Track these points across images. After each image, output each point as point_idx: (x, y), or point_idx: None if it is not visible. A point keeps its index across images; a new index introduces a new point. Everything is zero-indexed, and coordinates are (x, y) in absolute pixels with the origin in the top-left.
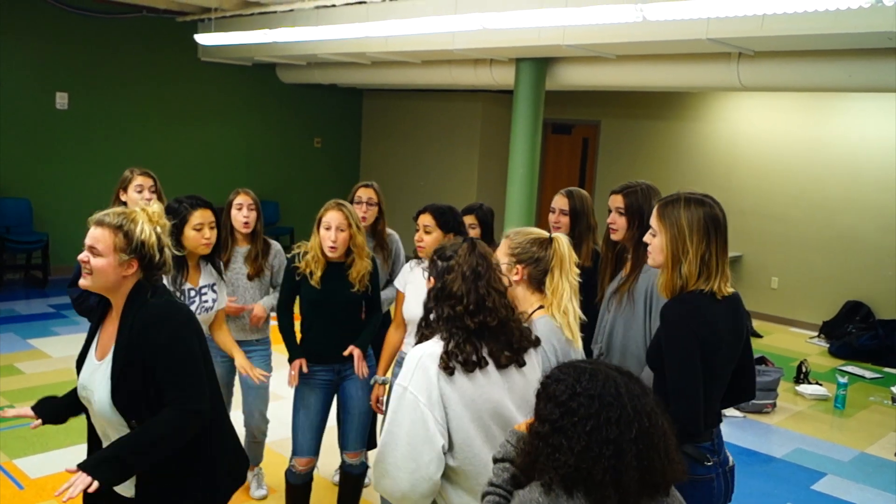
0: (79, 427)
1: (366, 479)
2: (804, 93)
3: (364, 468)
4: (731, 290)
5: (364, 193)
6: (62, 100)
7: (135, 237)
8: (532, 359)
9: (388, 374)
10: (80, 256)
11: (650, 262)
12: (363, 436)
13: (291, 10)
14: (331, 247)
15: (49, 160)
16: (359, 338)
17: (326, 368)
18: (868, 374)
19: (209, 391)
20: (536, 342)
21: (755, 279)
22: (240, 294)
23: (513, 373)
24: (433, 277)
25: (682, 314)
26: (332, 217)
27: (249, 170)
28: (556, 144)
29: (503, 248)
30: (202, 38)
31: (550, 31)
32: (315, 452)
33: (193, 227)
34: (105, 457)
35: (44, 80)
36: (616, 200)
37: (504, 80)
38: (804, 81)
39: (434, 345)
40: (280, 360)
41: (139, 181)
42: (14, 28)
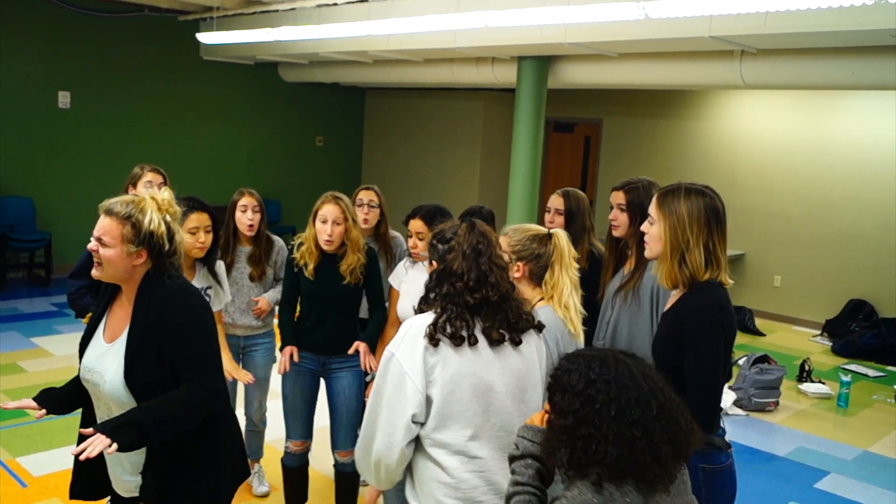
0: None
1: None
2: (806, 90)
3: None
4: (732, 281)
5: (365, 196)
6: (65, 99)
7: (143, 228)
8: (531, 341)
9: None
10: (90, 245)
11: (647, 253)
12: (353, 435)
13: (293, 9)
14: (326, 240)
15: (52, 159)
16: (365, 334)
17: (312, 357)
18: (871, 373)
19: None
20: (539, 326)
21: (758, 277)
22: (243, 294)
23: (507, 351)
24: (434, 260)
25: (707, 303)
26: (329, 210)
27: (251, 169)
28: (558, 143)
29: (502, 246)
30: (204, 37)
31: (552, 29)
32: (308, 435)
33: (188, 231)
34: (125, 421)
35: (46, 79)
36: (617, 197)
37: (506, 79)
38: (806, 79)
39: (426, 316)
40: None
41: (149, 177)
42: (16, 27)
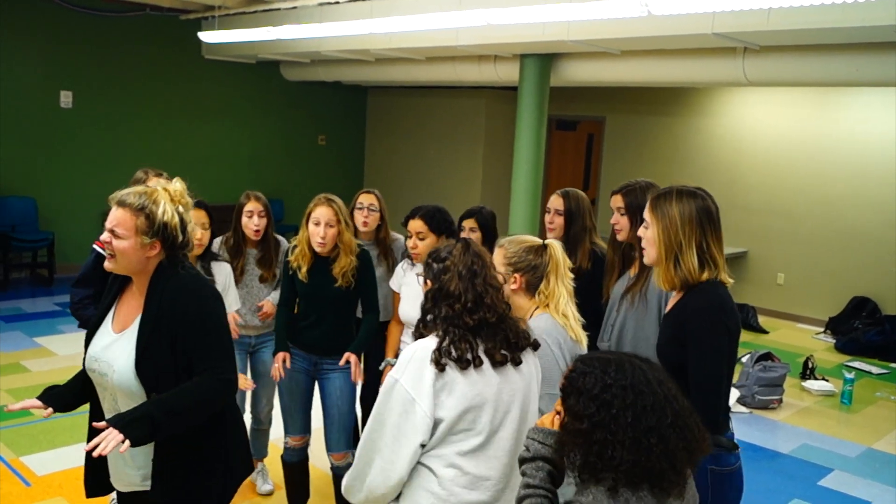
0: (86, 424)
1: None
2: (810, 88)
3: None
4: (732, 280)
5: (366, 199)
6: (66, 98)
7: (157, 219)
8: (529, 360)
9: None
10: (102, 237)
11: (645, 260)
12: (346, 437)
13: (295, 8)
14: (319, 242)
15: (54, 159)
16: (354, 342)
17: (305, 356)
18: (874, 370)
19: None
20: (535, 345)
21: (761, 275)
22: (254, 296)
23: (510, 371)
24: (429, 280)
25: (709, 303)
26: (321, 213)
27: (253, 168)
28: (561, 141)
29: (498, 258)
30: (206, 36)
31: (555, 27)
32: (306, 430)
33: None
34: (138, 415)
35: (48, 79)
36: (616, 201)
37: (508, 77)
38: (810, 76)
39: (430, 340)
40: None
41: (152, 182)
42: (18, 27)
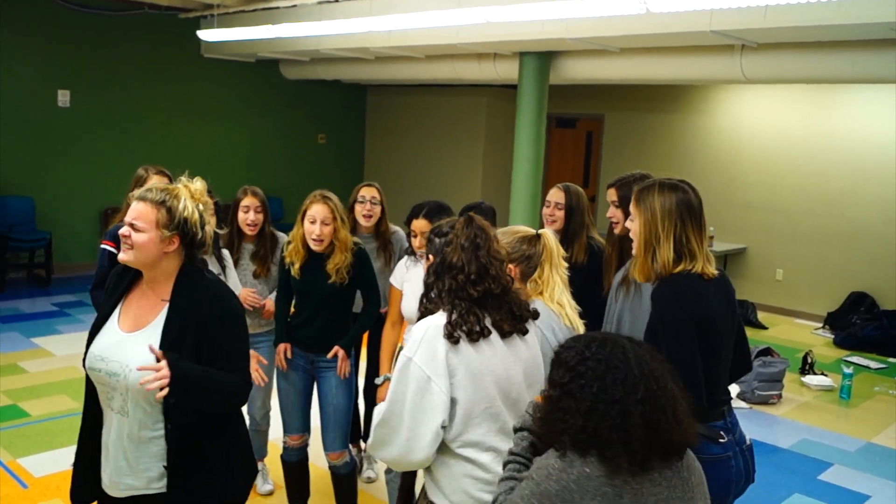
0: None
1: (372, 473)
2: (807, 85)
3: (351, 467)
4: (717, 272)
5: (367, 192)
6: (64, 97)
7: (177, 213)
8: (533, 330)
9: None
10: (121, 231)
11: (633, 251)
12: (343, 436)
13: (294, 6)
14: (315, 240)
15: (52, 158)
16: (345, 336)
17: (302, 354)
18: (873, 365)
19: None
20: (535, 314)
21: (760, 271)
22: None
23: (517, 342)
24: (431, 255)
25: (673, 294)
26: (317, 211)
27: (253, 166)
28: (561, 138)
29: None
30: (205, 34)
31: (554, 24)
32: (305, 429)
33: None
34: (191, 372)
35: (46, 78)
36: (611, 194)
37: (508, 75)
38: (807, 73)
39: (439, 317)
40: None
41: (154, 180)
42: (16, 26)
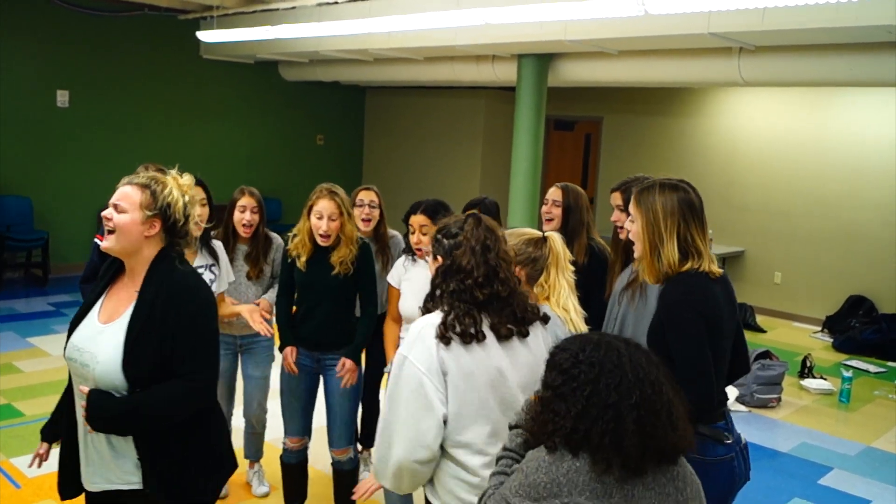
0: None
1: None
2: (805, 87)
3: (354, 464)
4: (721, 271)
5: (366, 196)
6: (63, 98)
7: (161, 196)
8: (538, 333)
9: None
10: (104, 213)
11: (635, 254)
12: (347, 432)
13: (293, 8)
14: (322, 236)
15: (50, 158)
16: (351, 346)
17: (307, 354)
18: (872, 369)
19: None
20: (545, 318)
21: (758, 274)
22: (241, 292)
23: (516, 345)
24: (440, 256)
25: (683, 293)
26: (324, 206)
27: (252, 167)
28: (559, 141)
29: None
30: (204, 36)
31: (552, 26)
32: (306, 432)
33: None
34: (117, 413)
35: (45, 78)
36: (615, 198)
37: (506, 77)
38: (805, 76)
39: (435, 316)
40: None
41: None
42: (15, 26)
